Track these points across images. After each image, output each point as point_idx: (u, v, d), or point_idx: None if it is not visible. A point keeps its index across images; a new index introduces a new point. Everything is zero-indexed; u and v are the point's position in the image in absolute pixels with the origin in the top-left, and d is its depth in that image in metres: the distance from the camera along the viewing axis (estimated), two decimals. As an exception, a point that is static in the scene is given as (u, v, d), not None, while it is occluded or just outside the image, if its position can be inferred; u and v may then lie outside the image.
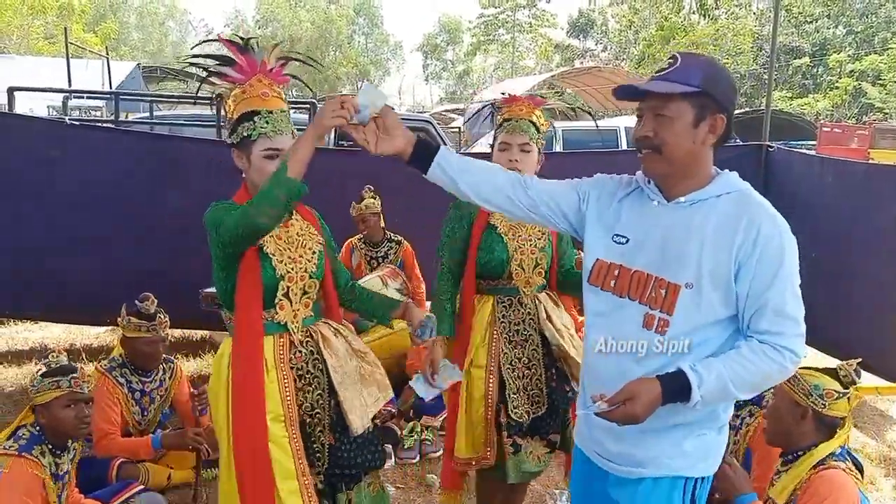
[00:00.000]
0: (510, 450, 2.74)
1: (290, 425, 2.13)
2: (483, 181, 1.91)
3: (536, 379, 2.77)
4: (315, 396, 2.20)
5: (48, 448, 2.68)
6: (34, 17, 26.57)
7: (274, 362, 2.13)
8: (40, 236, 4.94)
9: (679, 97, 1.69)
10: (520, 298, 2.78)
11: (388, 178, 5.41)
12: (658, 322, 1.72)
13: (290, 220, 2.22)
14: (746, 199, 1.72)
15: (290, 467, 2.10)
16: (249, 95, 2.13)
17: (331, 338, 2.25)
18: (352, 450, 2.26)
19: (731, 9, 34.54)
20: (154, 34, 49.40)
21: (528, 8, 46.07)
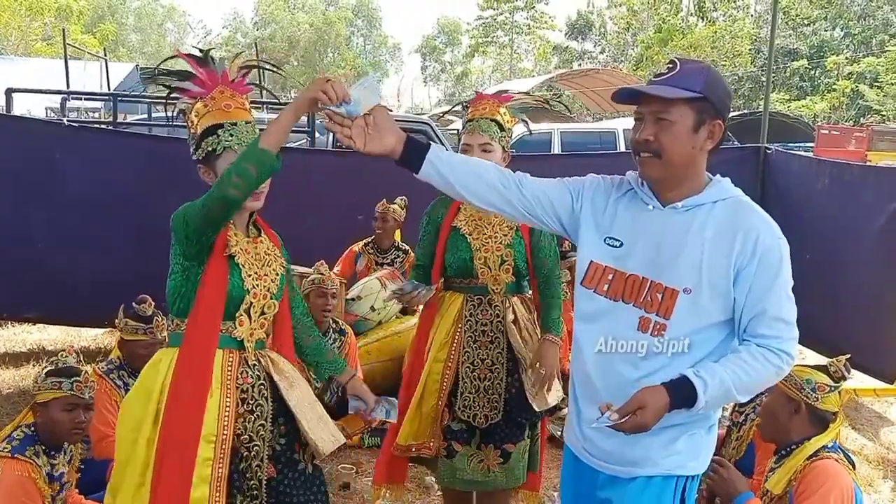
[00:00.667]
0: (442, 452, 2.76)
1: (220, 447, 1.97)
2: (476, 179, 1.86)
3: (497, 383, 2.75)
4: (256, 426, 2.04)
5: (42, 448, 2.66)
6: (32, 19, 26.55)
7: (220, 379, 2.00)
8: (38, 238, 4.94)
9: (681, 102, 1.70)
10: (490, 299, 2.78)
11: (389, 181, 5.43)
12: (654, 325, 1.74)
13: (258, 237, 2.14)
14: (742, 207, 1.76)
15: (202, 495, 1.93)
16: (211, 109, 2.06)
17: (280, 363, 2.13)
18: (296, 486, 2.11)
19: (729, 11, 34.62)
20: (152, 36, 49.40)
21: (527, 10, 46.13)
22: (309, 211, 5.26)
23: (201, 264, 2.00)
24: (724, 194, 1.77)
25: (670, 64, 1.73)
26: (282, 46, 45.00)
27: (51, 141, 4.97)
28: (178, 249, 2.03)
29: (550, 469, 3.85)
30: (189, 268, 2.02)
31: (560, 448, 4.06)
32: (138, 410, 2.02)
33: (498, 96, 2.85)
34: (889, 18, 30.75)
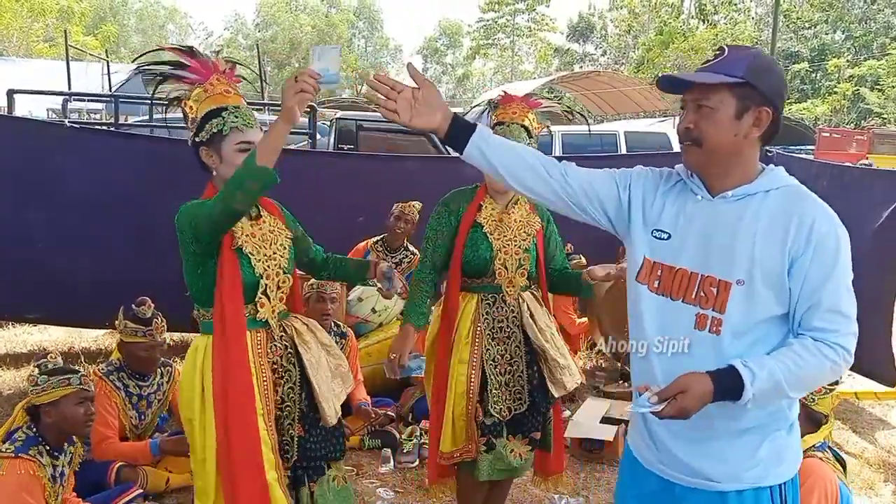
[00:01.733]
0: (482, 448, 2.78)
1: (268, 419, 2.15)
2: (521, 165, 1.79)
3: (518, 376, 2.80)
4: (287, 389, 2.22)
5: (45, 449, 2.69)
6: (34, 20, 26.61)
7: (253, 358, 2.15)
8: (39, 238, 4.94)
9: (721, 88, 1.64)
10: (503, 296, 2.81)
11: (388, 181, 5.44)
12: (711, 322, 1.67)
13: (259, 217, 2.23)
14: (797, 194, 1.68)
15: (272, 458, 2.13)
16: (212, 94, 2.16)
17: (304, 332, 2.29)
18: (318, 441, 2.29)
19: (730, 14, 34.65)
20: (154, 37, 49.42)
21: (528, 12, 46.19)
22: (310, 212, 5.18)
23: (214, 257, 2.10)
24: (777, 183, 1.69)
25: (718, 51, 1.69)
26: (283, 48, 45.07)
27: (52, 142, 4.97)
28: (188, 248, 2.11)
29: (551, 471, 3.86)
30: (203, 262, 2.11)
31: (562, 450, 4.08)
32: (188, 393, 2.18)
33: (527, 100, 2.84)
34: (890, 21, 30.77)
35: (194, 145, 2.19)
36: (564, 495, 3.60)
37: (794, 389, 1.63)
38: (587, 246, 5.73)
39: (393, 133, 8.81)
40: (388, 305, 4.67)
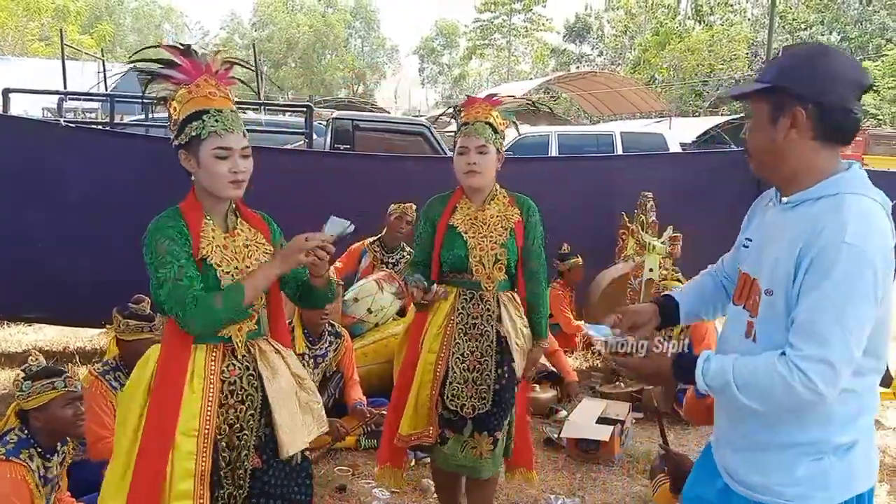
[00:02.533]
0: (437, 440, 2.87)
1: (203, 441, 2.01)
2: (699, 305, 2.05)
3: (486, 374, 2.85)
4: (246, 415, 2.09)
5: (37, 452, 2.68)
6: (29, 19, 26.53)
7: (203, 373, 2.04)
8: (36, 238, 4.93)
9: (757, 97, 1.66)
10: (481, 294, 2.87)
11: (384, 181, 5.44)
12: (754, 330, 1.68)
13: (235, 228, 2.14)
14: (834, 205, 1.57)
15: (186, 488, 1.98)
16: (195, 95, 2.06)
17: (269, 352, 2.15)
18: (279, 477, 2.13)
19: (726, 15, 34.71)
20: (150, 37, 49.27)
21: (524, 12, 46.21)
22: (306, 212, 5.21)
23: None
24: (830, 190, 1.60)
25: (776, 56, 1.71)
26: (280, 48, 45.02)
27: (51, 142, 4.96)
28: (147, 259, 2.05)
29: (546, 471, 3.86)
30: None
31: (557, 451, 4.09)
32: (127, 402, 2.10)
33: (489, 100, 2.93)
34: (886, 23, 30.86)
35: (175, 148, 2.10)
36: (560, 496, 3.60)
37: (742, 392, 1.58)
38: (584, 246, 5.75)
39: (389, 133, 8.81)
40: (384, 306, 4.67)
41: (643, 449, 4.16)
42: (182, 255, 2.00)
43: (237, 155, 2.04)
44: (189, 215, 2.07)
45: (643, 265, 5.23)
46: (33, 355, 2.81)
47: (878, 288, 1.52)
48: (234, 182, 2.04)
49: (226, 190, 2.05)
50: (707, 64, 30.39)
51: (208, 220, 2.09)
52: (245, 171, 2.06)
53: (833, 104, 1.59)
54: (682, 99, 31.50)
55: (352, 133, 8.58)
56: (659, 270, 5.17)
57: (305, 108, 6.68)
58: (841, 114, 1.60)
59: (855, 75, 1.62)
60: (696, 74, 30.88)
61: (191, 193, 2.12)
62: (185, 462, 1.99)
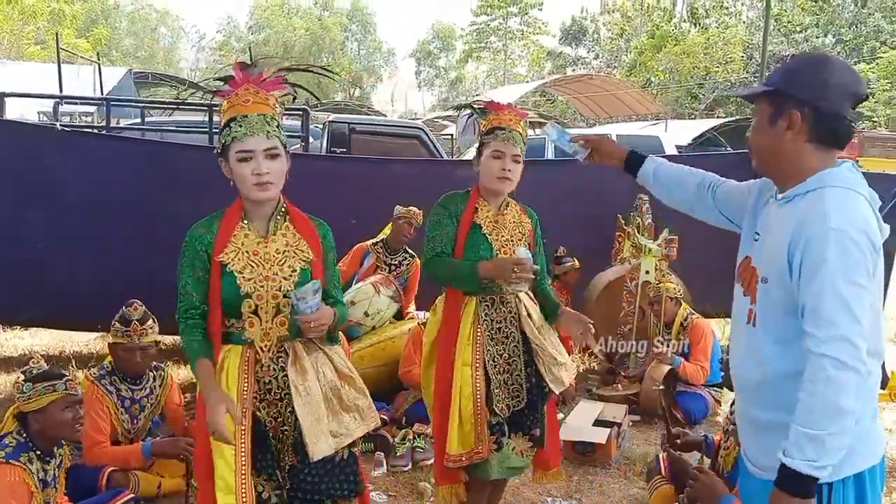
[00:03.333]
0: (493, 447, 2.80)
1: (241, 437, 2.09)
2: (676, 187, 2.21)
3: (517, 374, 2.85)
4: (286, 412, 2.18)
5: (36, 455, 2.69)
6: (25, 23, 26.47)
7: (237, 372, 2.13)
8: (33, 242, 4.92)
9: (760, 98, 1.81)
10: (501, 297, 2.84)
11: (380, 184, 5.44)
12: (753, 316, 1.80)
13: (272, 235, 2.19)
14: (818, 197, 1.70)
15: (230, 481, 2.07)
16: (233, 104, 2.14)
17: (302, 355, 2.19)
18: (315, 475, 2.18)
19: (722, 18, 34.77)
20: (146, 40, 49.30)
21: (521, 16, 46.26)
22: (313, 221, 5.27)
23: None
24: (818, 184, 1.72)
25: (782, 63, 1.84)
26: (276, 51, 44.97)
27: (44, 145, 4.95)
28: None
29: (544, 474, 3.85)
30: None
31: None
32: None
33: (517, 110, 2.93)
34: (880, 25, 30.96)
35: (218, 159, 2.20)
36: (557, 498, 3.60)
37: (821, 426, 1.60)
38: (580, 249, 5.75)
39: (385, 136, 8.81)
40: (381, 309, 4.67)
41: (640, 451, 4.16)
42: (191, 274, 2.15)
43: (260, 156, 2.09)
44: (225, 220, 2.17)
45: (639, 267, 5.24)
46: (35, 358, 2.82)
47: (867, 263, 1.65)
48: (258, 184, 2.10)
49: (251, 192, 2.12)
50: (703, 67, 30.44)
51: (244, 225, 2.17)
52: (269, 173, 2.10)
53: (827, 109, 1.72)
54: (678, 101, 31.54)
55: (348, 136, 8.58)
56: (655, 273, 5.18)
57: (301, 112, 6.68)
58: (835, 119, 1.73)
59: (852, 85, 1.74)
60: (692, 77, 30.93)
61: (237, 201, 2.21)
62: (227, 455, 2.08)
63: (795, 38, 32.34)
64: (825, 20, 33.00)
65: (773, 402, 1.75)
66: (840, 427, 1.60)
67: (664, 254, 5.23)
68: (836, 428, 1.60)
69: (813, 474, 1.60)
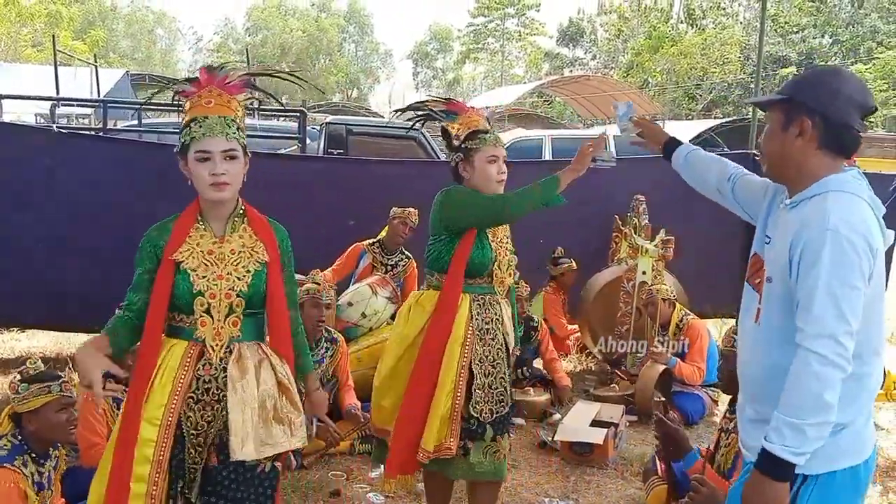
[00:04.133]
0: (460, 451, 2.80)
1: (165, 431, 2.11)
2: (703, 173, 2.31)
3: (500, 377, 2.85)
4: (219, 414, 2.15)
5: (30, 457, 2.68)
6: (22, 25, 26.45)
7: (176, 367, 2.14)
8: (29, 245, 4.92)
9: (773, 105, 1.89)
10: (490, 298, 2.87)
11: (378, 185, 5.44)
12: (759, 314, 1.88)
13: (228, 236, 2.21)
14: (821, 201, 1.77)
15: (143, 472, 2.10)
16: (193, 105, 2.18)
17: (246, 356, 2.17)
18: (232, 479, 2.15)
19: (719, 18, 34.83)
20: (143, 42, 49.27)
21: (518, 17, 46.29)
22: (299, 217, 5.25)
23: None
24: (822, 189, 1.79)
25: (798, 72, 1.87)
26: (273, 53, 45.00)
27: (40, 147, 4.95)
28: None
29: (540, 475, 3.86)
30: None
31: (550, 454, 4.09)
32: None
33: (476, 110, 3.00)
34: (877, 26, 31.02)
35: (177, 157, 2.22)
36: (554, 498, 3.61)
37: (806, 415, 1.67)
38: (577, 250, 5.76)
39: (383, 138, 8.80)
40: (378, 310, 4.67)
41: (637, 452, 4.17)
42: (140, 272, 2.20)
43: (217, 157, 2.11)
44: (180, 221, 2.20)
45: (636, 268, 5.25)
46: (32, 359, 2.82)
47: (863, 265, 1.70)
48: (214, 185, 2.12)
49: (207, 192, 2.14)
50: (700, 67, 30.48)
51: (199, 225, 2.20)
52: (226, 174, 2.12)
53: (837, 119, 1.80)
54: (676, 102, 31.59)
55: (345, 137, 8.58)
56: (651, 273, 5.19)
57: (299, 113, 6.68)
58: (843, 128, 1.81)
59: (861, 97, 1.82)
60: (689, 78, 30.97)
61: (196, 198, 2.24)
62: (145, 448, 2.10)
63: (792, 38, 32.41)
64: (822, 21, 33.08)
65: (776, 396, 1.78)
66: (821, 419, 1.68)
67: (661, 254, 5.23)
68: (817, 419, 1.68)
69: (791, 460, 1.68)
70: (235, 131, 2.15)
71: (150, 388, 2.13)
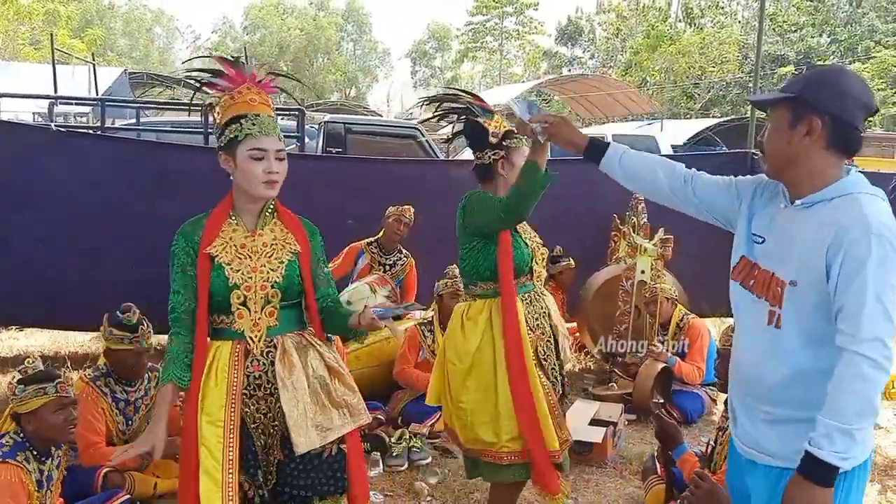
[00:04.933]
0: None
1: (230, 432, 2.13)
2: (646, 175, 2.18)
3: (552, 369, 2.89)
4: (275, 407, 2.19)
5: (32, 454, 2.69)
6: (20, 23, 26.39)
7: (227, 367, 2.16)
8: (28, 243, 4.91)
9: (780, 104, 1.86)
10: (534, 294, 2.89)
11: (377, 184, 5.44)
12: (777, 317, 1.83)
13: (260, 230, 2.25)
14: (851, 203, 1.76)
15: (216, 476, 2.09)
16: (237, 101, 2.21)
17: (290, 350, 2.21)
18: (302, 469, 2.21)
19: (717, 17, 34.84)
20: (141, 40, 49.19)
21: (516, 15, 46.26)
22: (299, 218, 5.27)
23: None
24: (842, 191, 1.79)
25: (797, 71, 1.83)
26: (271, 51, 44.94)
27: (38, 146, 4.94)
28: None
29: (540, 474, 3.86)
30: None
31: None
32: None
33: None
34: (875, 25, 31.04)
35: (217, 150, 2.24)
36: (553, 497, 3.59)
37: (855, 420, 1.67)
38: (575, 249, 5.76)
39: (381, 136, 8.81)
40: (377, 308, 4.66)
41: (636, 450, 4.17)
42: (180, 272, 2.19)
43: (272, 156, 2.17)
44: (213, 217, 2.23)
45: (635, 267, 5.25)
46: (30, 358, 2.81)
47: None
48: (267, 182, 2.18)
49: (260, 189, 2.19)
50: (698, 66, 30.49)
51: (232, 220, 2.24)
52: (279, 173, 2.20)
53: (845, 119, 1.80)
54: (674, 101, 31.60)
55: (344, 136, 8.58)
56: (650, 272, 5.19)
57: (297, 112, 6.67)
58: (850, 128, 1.81)
59: (866, 98, 1.83)
60: (688, 77, 30.99)
61: (229, 193, 2.26)
62: (213, 450, 2.11)
63: (790, 37, 32.43)
64: (820, 20, 33.10)
65: (800, 399, 1.79)
66: (869, 422, 1.70)
67: (660, 253, 5.23)
68: (866, 423, 1.69)
69: (841, 465, 1.67)
70: (280, 132, 2.23)
71: (204, 390, 2.15)
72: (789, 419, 1.82)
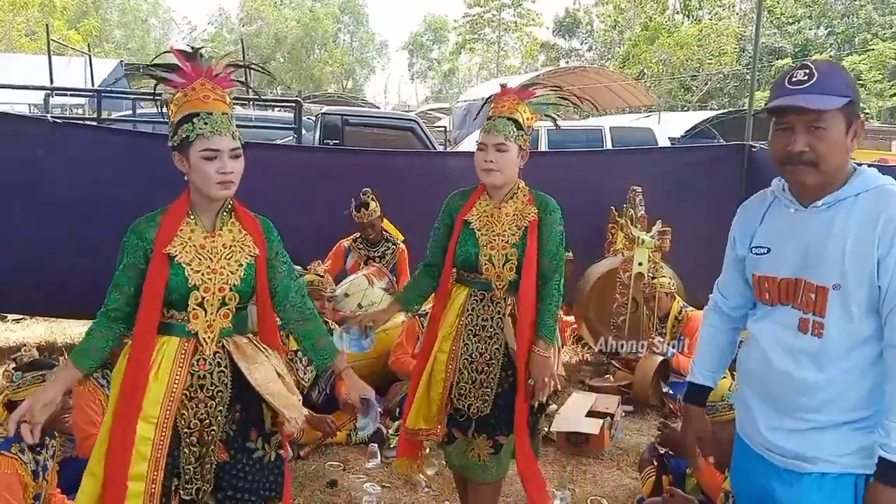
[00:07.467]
0: (445, 439, 2.86)
1: (162, 430, 2.10)
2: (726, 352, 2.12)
3: (492, 377, 2.78)
4: (215, 411, 2.15)
5: (27, 445, 2.67)
6: (16, 14, 26.26)
7: (170, 366, 2.12)
8: (25, 234, 4.91)
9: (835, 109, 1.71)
10: (492, 295, 2.80)
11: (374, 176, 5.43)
12: (813, 325, 1.75)
13: (218, 231, 2.20)
14: (888, 195, 1.71)
15: (140, 471, 2.07)
16: (190, 98, 2.13)
17: (245, 347, 2.20)
18: (248, 471, 2.19)
19: (715, 9, 34.78)
20: (137, 31, 49.01)
21: (514, 7, 46.15)
22: (295, 208, 5.25)
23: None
24: (868, 185, 1.74)
25: (806, 70, 1.73)
26: (268, 43, 44.81)
27: (34, 137, 4.93)
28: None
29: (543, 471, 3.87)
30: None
31: (547, 444, 4.10)
32: (113, 386, 2.20)
33: (521, 92, 2.81)
34: (872, 17, 31.03)
35: (170, 150, 2.18)
36: (550, 488, 3.61)
37: None
38: (573, 241, 5.75)
39: (378, 128, 8.80)
40: (375, 301, 4.66)
41: (633, 441, 4.18)
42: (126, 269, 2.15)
43: (226, 156, 2.11)
44: (170, 215, 2.18)
45: (632, 259, 5.25)
46: (26, 347, 2.81)
47: None
48: (222, 182, 2.11)
49: (214, 190, 2.12)
50: (696, 59, 30.47)
51: (190, 220, 2.18)
52: (233, 172, 2.13)
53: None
54: (671, 94, 31.59)
55: (341, 128, 8.57)
56: (648, 264, 5.19)
57: (294, 104, 6.66)
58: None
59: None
60: (685, 69, 30.96)
61: (185, 192, 2.20)
62: (141, 447, 2.08)
63: (788, 29, 32.41)
64: (817, 12, 33.08)
65: (839, 403, 1.74)
66: None
67: (657, 245, 5.23)
68: None
69: None
70: (236, 128, 2.16)
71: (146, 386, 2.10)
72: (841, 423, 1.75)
